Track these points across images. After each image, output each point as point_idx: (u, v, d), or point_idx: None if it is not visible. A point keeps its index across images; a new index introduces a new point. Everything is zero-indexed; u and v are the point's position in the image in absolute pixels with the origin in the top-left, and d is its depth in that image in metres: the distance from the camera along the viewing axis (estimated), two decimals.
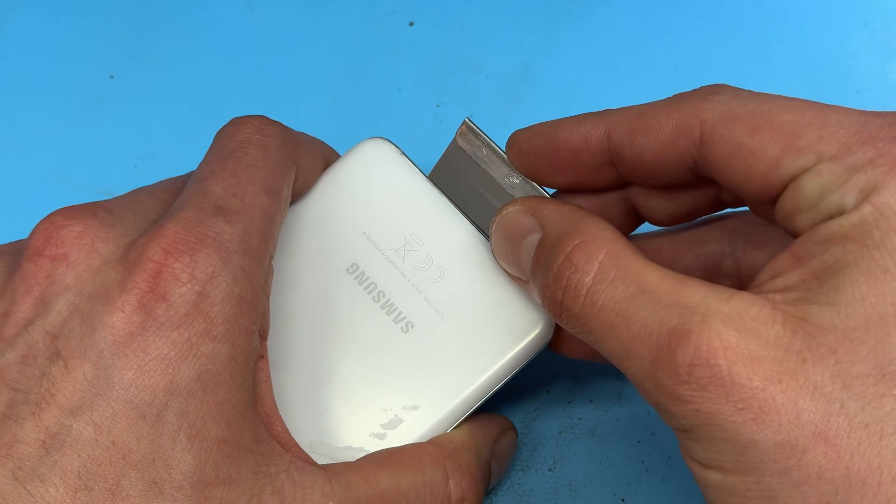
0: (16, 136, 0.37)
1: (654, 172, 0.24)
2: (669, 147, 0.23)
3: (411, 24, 0.38)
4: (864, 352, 0.19)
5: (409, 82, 0.37)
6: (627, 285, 0.21)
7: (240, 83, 0.38)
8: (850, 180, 0.20)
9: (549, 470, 0.31)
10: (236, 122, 0.26)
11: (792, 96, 0.22)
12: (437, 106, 0.37)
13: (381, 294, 0.27)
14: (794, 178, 0.21)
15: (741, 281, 0.27)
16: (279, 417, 0.24)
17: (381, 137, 0.29)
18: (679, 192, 0.26)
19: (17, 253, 0.23)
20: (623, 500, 0.30)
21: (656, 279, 0.21)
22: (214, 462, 0.21)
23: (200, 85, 0.38)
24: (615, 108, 0.25)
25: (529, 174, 0.27)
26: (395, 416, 0.26)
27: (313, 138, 0.29)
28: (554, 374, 0.32)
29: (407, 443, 0.26)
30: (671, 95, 0.24)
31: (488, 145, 0.27)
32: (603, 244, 0.22)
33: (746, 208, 0.25)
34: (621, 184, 0.26)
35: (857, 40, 0.37)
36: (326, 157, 0.29)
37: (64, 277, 0.22)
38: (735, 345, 0.19)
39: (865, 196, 0.19)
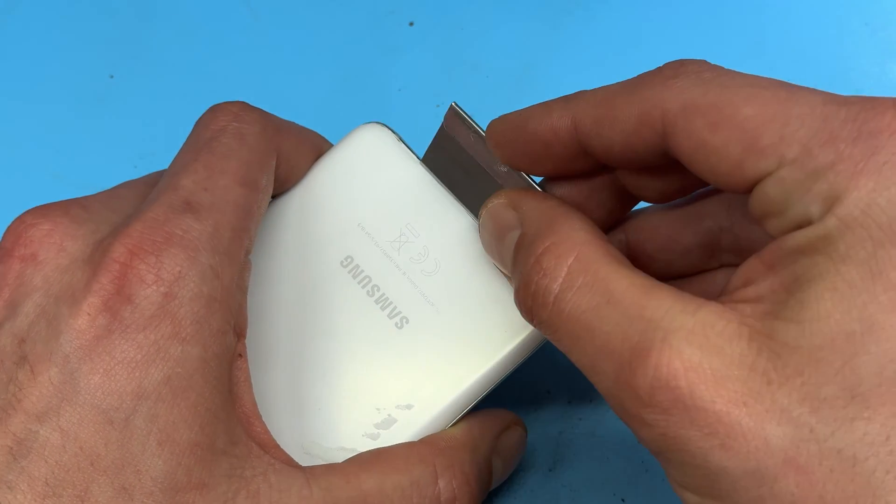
0: (15, 135, 0.37)
1: (629, 160, 0.23)
2: (635, 137, 0.22)
3: (411, 23, 0.38)
4: (831, 372, 0.18)
5: (409, 82, 0.37)
6: (594, 294, 0.20)
7: (239, 83, 0.38)
8: (812, 188, 0.19)
9: (550, 470, 0.31)
10: (213, 110, 0.25)
11: (754, 76, 0.21)
12: (437, 106, 0.37)
13: (376, 288, 0.27)
14: (759, 181, 0.20)
15: (742, 255, 0.26)
16: (259, 418, 0.24)
17: (377, 122, 0.28)
18: (667, 172, 0.24)
19: None
20: (623, 500, 0.30)
21: (623, 287, 0.20)
22: (186, 466, 0.21)
23: (200, 85, 0.38)
24: (579, 92, 0.23)
25: (511, 165, 0.26)
26: (389, 415, 0.26)
27: (299, 126, 0.28)
28: (554, 374, 0.32)
29: (399, 443, 0.25)
30: (636, 76, 0.22)
31: (475, 132, 0.26)
32: (573, 246, 0.21)
33: None
34: (604, 167, 0.25)
35: (858, 40, 0.37)
36: (316, 145, 0.28)
37: (32, 278, 0.22)
38: (697, 364, 0.18)
39: (829, 206, 0.18)
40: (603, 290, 0.20)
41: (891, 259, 0.18)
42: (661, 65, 0.22)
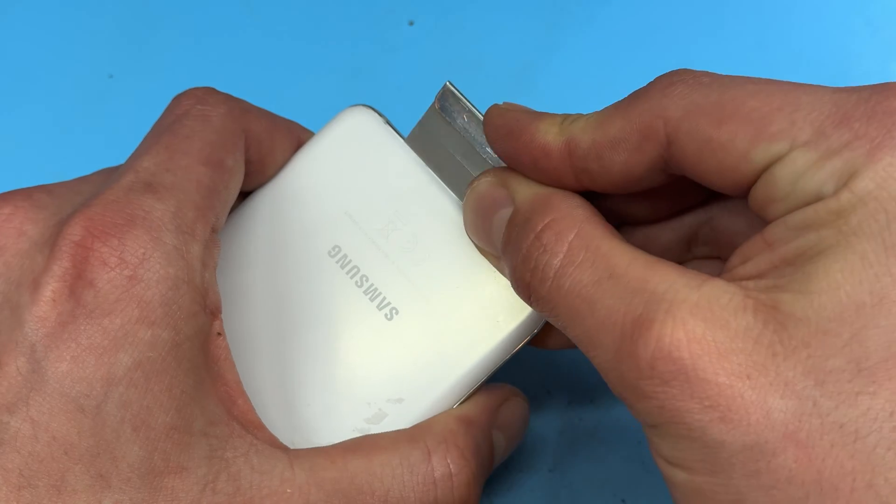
0: (14, 135, 0.37)
1: (625, 182, 0.22)
2: (638, 153, 0.21)
3: (411, 23, 0.38)
4: (838, 345, 0.17)
5: (409, 82, 0.37)
6: (596, 268, 0.20)
7: (239, 83, 0.38)
8: (826, 166, 0.18)
9: (550, 470, 0.31)
10: (178, 96, 0.25)
11: (755, 77, 0.21)
12: None
13: (365, 278, 0.26)
14: (766, 168, 0.19)
15: (719, 245, 0.26)
16: (243, 395, 0.23)
17: (363, 105, 0.27)
18: (657, 197, 0.24)
19: None
20: (623, 500, 0.30)
21: (626, 262, 0.20)
22: (163, 451, 0.20)
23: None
24: (576, 114, 0.23)
25: (504, 162, 0.25)
26: (380, 409, 0.25)
27: (274, 113, 0.27)
28: (554, 374, 0.32)
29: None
30: (628, 95, 0.22)
31: (469, 111, 0.25)
32: (574, 223, 0.21)
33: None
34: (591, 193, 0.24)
35: (859, 40, 0.37)
36: (292, 131, 0.27)
37: None
38: (701, 336, 0.18)
39: (844, 182, 0.18)
40: (605, 265, 0.20)
41: None
42: (654, 77, 0.22)
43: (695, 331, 0.18)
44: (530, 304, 0.22)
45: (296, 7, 0.39)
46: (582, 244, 0.21)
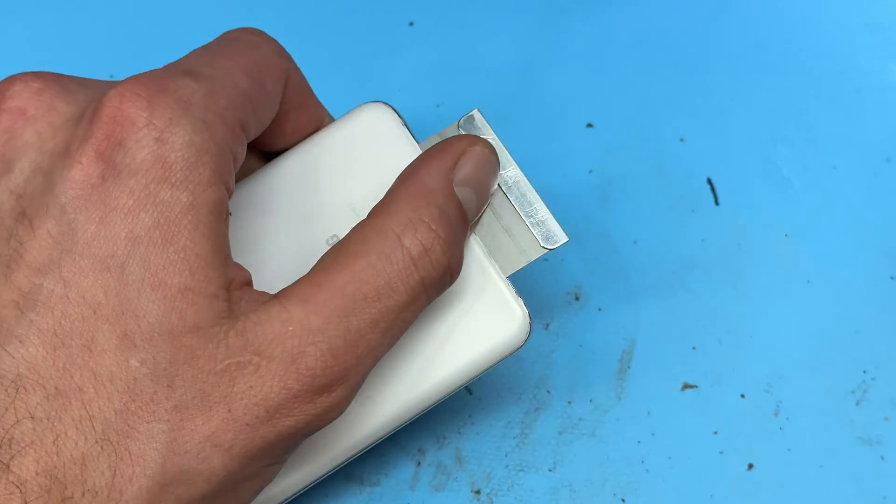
0: None
1: None
2: None
3: (411, 23, 0.38)
4: None
5: (409, 82, 0.37)
6: None
7: None
8: None
9: (550, 470, 0.31)
10: (230, 30, 0.26)
11: None
12: (437, 106, 0.37)
13: None
14: None
15: None
16: (232, 262, 0.23)
17: (383, 102, 0.28)
18: None
19: None
20: (623, 500, 0.30)
21: None
22: (179, 311, 0.21)
23: None
24: None
25: None
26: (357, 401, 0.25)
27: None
28: (554, 374, 0.32)
29: (355, 432, 0.25)
30: None
31: (492, 139, 0.27)
32: None
33: None
34: None
35: (858, 40, 0.37)
36: (320, 106, 0.28)
37: (23, 133, 0.22)
38: None
39: None
40: None
41: None
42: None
43: None
44: None
45: (295, 7, 0.39)
46: None
